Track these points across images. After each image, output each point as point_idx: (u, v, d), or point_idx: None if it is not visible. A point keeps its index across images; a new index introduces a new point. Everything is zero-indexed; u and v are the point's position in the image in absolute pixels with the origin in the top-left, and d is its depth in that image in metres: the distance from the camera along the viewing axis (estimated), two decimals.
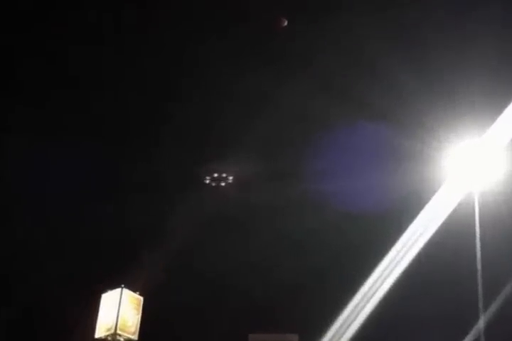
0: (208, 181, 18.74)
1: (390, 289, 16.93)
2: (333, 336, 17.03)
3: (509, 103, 15.42)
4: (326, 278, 17.77)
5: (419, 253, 16.67)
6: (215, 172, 18.70)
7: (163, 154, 17.77)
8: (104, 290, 15.15)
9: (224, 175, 18.72)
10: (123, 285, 14.88)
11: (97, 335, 14.76)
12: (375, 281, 17.10)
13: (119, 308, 14.65)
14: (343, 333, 17.03)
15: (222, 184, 18.76)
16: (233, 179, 18.74)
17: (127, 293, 14.93)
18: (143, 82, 16.54)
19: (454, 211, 16.08)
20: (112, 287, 15.03)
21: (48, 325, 17.21)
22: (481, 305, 14.61)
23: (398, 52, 15.09)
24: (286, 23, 15.60)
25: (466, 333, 15.62)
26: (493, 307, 15.45)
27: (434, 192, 16.37)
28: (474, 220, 15.23)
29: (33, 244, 17.83)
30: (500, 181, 15.81)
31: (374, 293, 17.12)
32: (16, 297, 17.22)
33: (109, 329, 14.62)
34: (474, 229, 15.16)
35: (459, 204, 15.95)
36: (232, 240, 18.02)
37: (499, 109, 15.45)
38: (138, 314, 15.10)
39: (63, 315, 16.61)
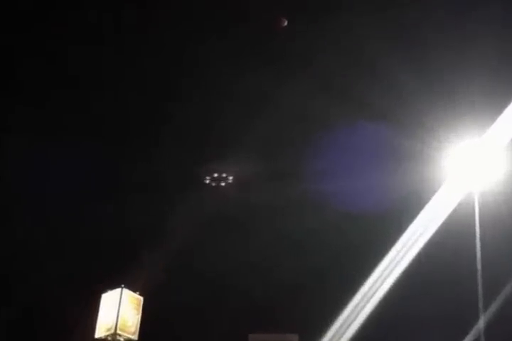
0: (208, 181, 18.74)
1: (390, 289, 16.93)
2: (333, 336, 17.03)
3: (509, 103, 15.42)
4: (326, 278, 17.77)
5: (419, 253, 16.67)
6: (215, 172, 18.70)
7: (163, 154, 17.77)
8: (104, 290, 15.15)
9: (224, 175, 18.72)
10: (123, 285, 14.88)
11: (97, 335, 14.76)
12: (375, 281, 17.10)
13: (119, 308, 14.65)
14: (343, 333, 17.02)
15: (222, 184, 18.76)
16: (233, 179, 18.75)
17: (127, 293, 14.93)
18: (143, 82, 16.54)
19: (454, 211, 16.08)
20: (112, 287, 15.03)
21: (48, 325, 17.21)
22: (481, 305, 14.61)
23: (398, 52, 15.09)
24: (286, 23, 15.60)
25: (466, 333, 15.62)
26: (493, 307, 15.44)
27: (434, 192, 16.37)
28: (474, 220, 15.23)
29: (33, 244, 17.83)
30: (500, 181, 15.81)
31: (374, 293, 17.11)
32: (16, 297, 17.22)
33: (109, 329, 14.62)
34: (474, 229, 15.16)
35: (459, 204, 15.95)
36: (232, 240, 18.01)
37: (499, 109, 15.45)
38: (138, 314, 15.10)
39: (63, 315, 16.61)
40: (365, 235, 17.50)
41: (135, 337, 14.93)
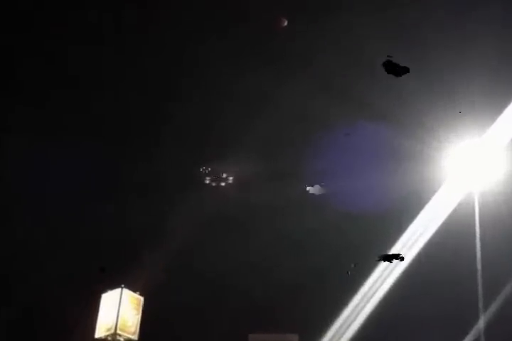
0: (208, 181, 18.74)
1: (390, 289, 16.94)
2: (333, 336, 17.03)
3: (509, 103, 15.43)
4: (326, 278, 17.77)
5: (419, 253, 16.67)
6: (215, 172, 18.70)
7: (163, 154, 17.77)
8: (104, 290, 15.16)
9: (224, 175, 18.72)
10: (123, 285, 14.89)
11: (97, 335, 14.79)
12: (375, 281, 17.11)
13: (119, 308, 14.67)
14: (343, 333, 17.03)
15: (222, 184, 18.76)
16: (233, 179, 18.75)
17: (127, 293, 14.95)
18: (143, 82, 16.54)
19: (454, 211, 16.10)
20: (112, 287, 15.04)
21: (48, 325, 17.21)
22: (481, 305, 14.62)
23: (398, 52, 15.07)
24: (286, 23, 15.60)
25: (466, 333, 15.63)
26: (493, 307, 15.45)
27: (434, 192, 16.39)
28: (474, 220, 15.25)
29: (33, 244, 17.83)
30: (500, 181, 15.83)
31: (374, 293, 17.12)
32: (16, 297, 17.22)
33: (109, 329, 14.65)
34: (474, 229, 15.18)
35: (459, 204, 15.97)
36: (232, 240, 18.01)
37: (499, 109, 15.47)
38: (138, 314, 15.12)
39: (63, 315, 16.61)
40: (365, 235, 17.50)
41: (135, 337, 14.96)
